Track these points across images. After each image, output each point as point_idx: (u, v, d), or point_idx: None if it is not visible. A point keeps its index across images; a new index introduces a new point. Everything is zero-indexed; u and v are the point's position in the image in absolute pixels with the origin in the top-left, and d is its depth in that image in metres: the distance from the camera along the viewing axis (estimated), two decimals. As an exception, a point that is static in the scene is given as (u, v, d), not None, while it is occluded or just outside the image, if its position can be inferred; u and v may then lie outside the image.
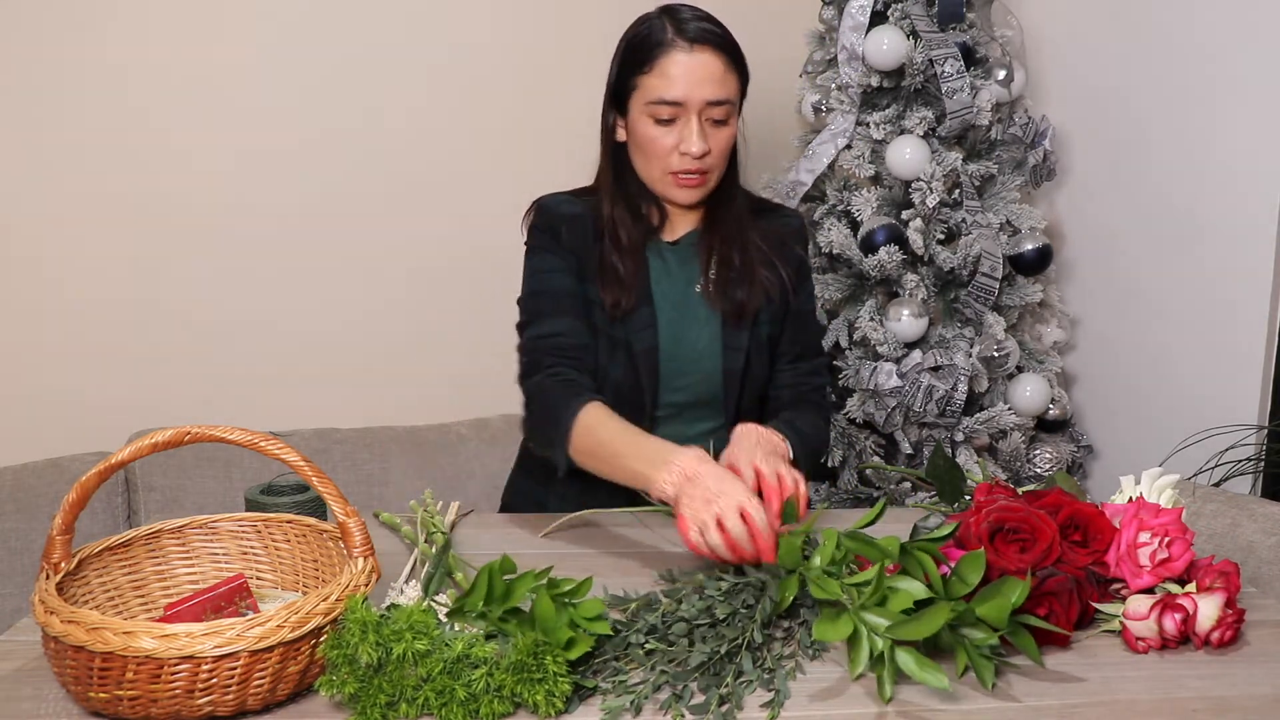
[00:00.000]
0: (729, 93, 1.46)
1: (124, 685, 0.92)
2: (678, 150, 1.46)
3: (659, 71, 1.44)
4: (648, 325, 1.51)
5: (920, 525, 1.29)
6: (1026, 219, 2.19)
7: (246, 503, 1.35)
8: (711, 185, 1.52)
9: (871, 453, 2.24)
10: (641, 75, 1.46)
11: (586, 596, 1.05)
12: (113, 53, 2.21)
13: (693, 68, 1.43)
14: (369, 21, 2.31)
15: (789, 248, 1.59)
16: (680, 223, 1.57)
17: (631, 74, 1.47)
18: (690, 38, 1.44)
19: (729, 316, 1.54)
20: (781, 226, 1.60)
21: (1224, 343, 2.05)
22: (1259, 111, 1.94)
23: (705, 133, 1.45)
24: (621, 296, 1.49)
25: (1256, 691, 1.03)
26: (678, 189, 1.49)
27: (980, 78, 2.17)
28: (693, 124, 1.44)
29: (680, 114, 1.45)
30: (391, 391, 2.40)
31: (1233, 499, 1.59)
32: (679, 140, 1.45)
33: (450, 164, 2.38)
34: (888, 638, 0.98)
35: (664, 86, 1.44)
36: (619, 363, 1.51)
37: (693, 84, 1.43)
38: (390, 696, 0.95)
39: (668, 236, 1.57)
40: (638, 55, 1.46)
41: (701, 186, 1.50)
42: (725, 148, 1.49)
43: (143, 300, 2.29)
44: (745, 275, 1.53)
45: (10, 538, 1.94)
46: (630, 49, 1.48)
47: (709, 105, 1.44)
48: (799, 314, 1.61)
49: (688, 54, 1.43)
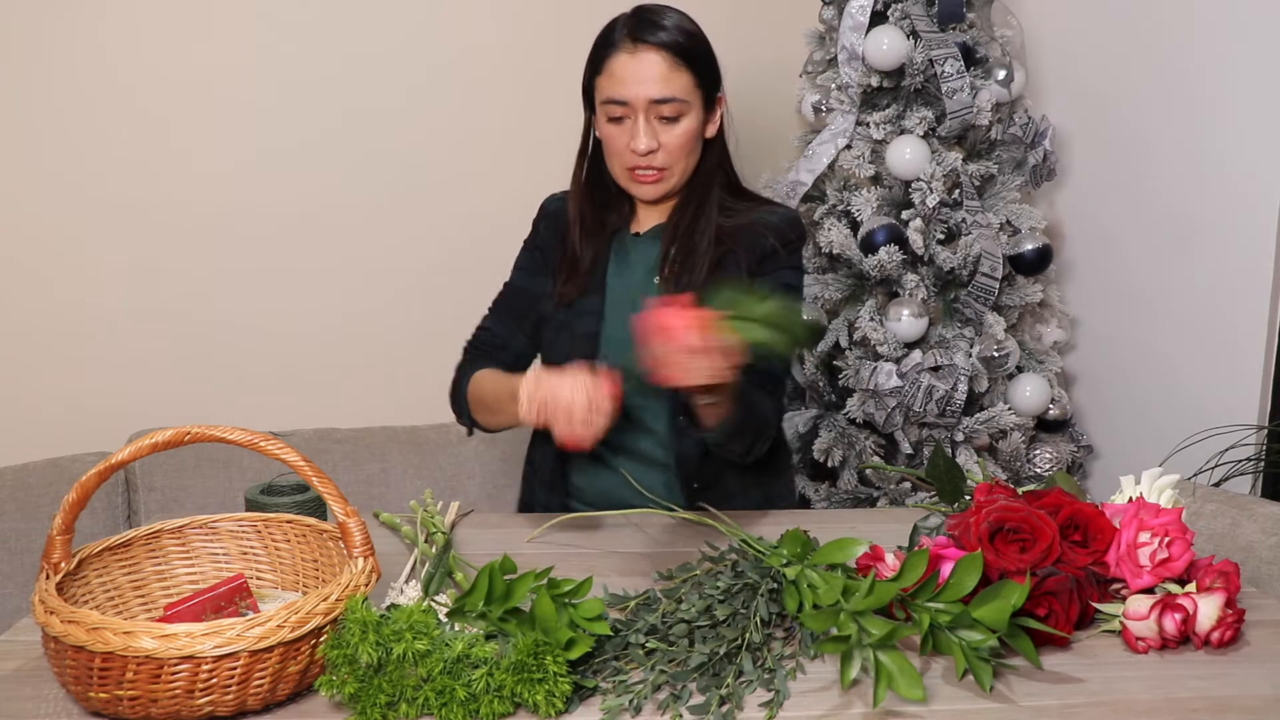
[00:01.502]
0: (675, 90, 1.48)
1: (124, 685, 0.92)
2: (629, 148, 1.50)
3: (607, 72, 1.50)
4: (592, 313, 1.57)
5: (920, 525, 1.29)
6: (1026, 219, 2.19)
7: (246, 503, 1.35)
8: (674, 181, 1.54)
9: (871, 453, 2.24)
10: (597, 76, 1.52)
11: (586, 596, 1.05)
12: (112, 54, 2.21)
13: (635, 68, 1.48)
14: (369, 22, 2.31)
15: (758, 237, 1.56)
16: (649, 216, 1.61)
17: (591, 75, 1.54)
18: (635, 38, 1.48)
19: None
20: (759, 218, 1.58)
21: (1224, 343, 2.05)
22: (1259, 112, 1.94)
23: (654, 130, 1.49)
24: (573, 285, 1.57)
25: (1256, 691, 1.03)
26: (636, 185, 1.54)
27: (980, 78, 2.17)
28: (639, 122, 1.48)
29: (628, 113, 1.49)
30: (391, 391, 2.40)
31: (1233, 499, 1.59)
32: (630, 138, 1.49)
33: (450, 164, 2.38)
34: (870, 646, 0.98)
35: (610, 87, 1.50)
36: (562, 345, 1.57)
37: (635, 83, 1.48)
38: (390, 696, 0.95)
39: (636, 229, 1.61)
40: (594, 56, 1.53)
41: (660, 182, 1.53)
42: (681, 144, 1.51)
43: (143, 300, 2.29)
44: (696, 261, 1.54)
45: (10, 538, 1.94)
46: (592, 50, 1.54)
47: (654, 103, 1.48)
48: None
49: (631, 54, 1.48)
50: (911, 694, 0.95)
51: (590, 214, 1.59)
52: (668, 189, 1.54)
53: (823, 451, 2.23)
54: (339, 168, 2.34)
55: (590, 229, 1.59)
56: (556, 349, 1.58)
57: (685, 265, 1.54)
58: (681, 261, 1.54)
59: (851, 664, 0.98)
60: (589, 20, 1.57)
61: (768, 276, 1.56)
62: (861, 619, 1.00)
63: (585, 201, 1.59)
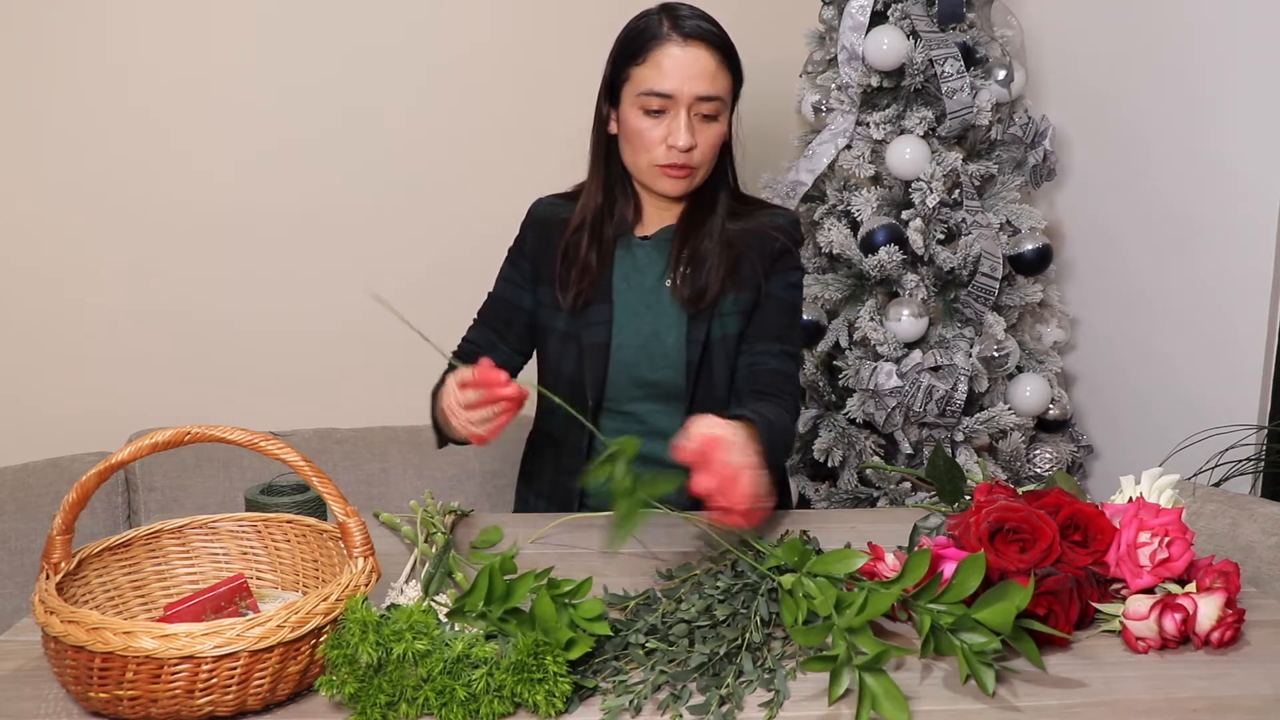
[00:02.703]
0: (719, 90, 1.48)
1: (124, 685, 0.92)
2: (665, 143, 1.48)
3: (652, 63, 1.47)
4: (601, 322, 1.55)
5: (920, 525, 1.29)
6: (1026, 219, 2.19)
7: (246, 503, 1.35)
8: (699, 180, 1.53)
9: (871, 453, 2.24)
10: (635, 66, 1.49)
11: (586, 596, 1.05)
12: (112, 54, 2.21)
13: (685, 62, 1.46)
14: (368, 22, 2.31)
15: (767, 239, 1.56)
16: (656, 219, 1.59)
17: (625, 65, 1.50)
18: (685, 33, 1.47)
19: (690, 306, 1.54)
20: (766, 221, 1.58)
21: (1224, 343, 2.05)
22: (1259, 112, 1.94)
23: (694, 127, 1.48)
24: (579, 291, 1.54)
25: (1256, 691, 1.03)
26: (664, 180, 1.51)
27: (980, 78, 2.17)
28: (681, 117, 1.47)
29: (670, 106, 1.47)
30: (391, 391, 2.40)
31: (1233, 499, 1.59)
32: (667, 133, 1.48)
33: (450, 164, 2.38)
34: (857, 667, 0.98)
35: (655, 78, 1.47)
36: (570, 357, 1.55)
37: (684, 78, 1.46)
38: (390, 696, 0.95)
39: (642, 232, 1.59)
40: (632, 47, 1.50)
41: (688, 179, 1.51)
42: (713, 145, 1.51)
43: (143, 300, 2.29)
44: (708, 264, 1.53)
45: (10, 538, 1.94)
46: (626, 41, 1.51)
47: (699, 100, 1.47)
48: (766, 298, 1.57)
49: (681, 48, 1.46)
50: (896, 717, 0.95)
51: (600, 214, 1.56)
52: (691, 187, 1.53)
53: (823, 451, 2.23)
54: (339, 168, 2.34)
55: (604, 232, 1.56)
56: (565, 361, 1.56)
57: (696, 270, 1.53)
58: (692, 267, 1.54)
59: (840, 681, 0.98)
60: (589, 20, 1.57)
61: (779, 276, 1.57)
62: (855, 634, 1.00)
63: (598, 201, 1.56)
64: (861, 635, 1.00)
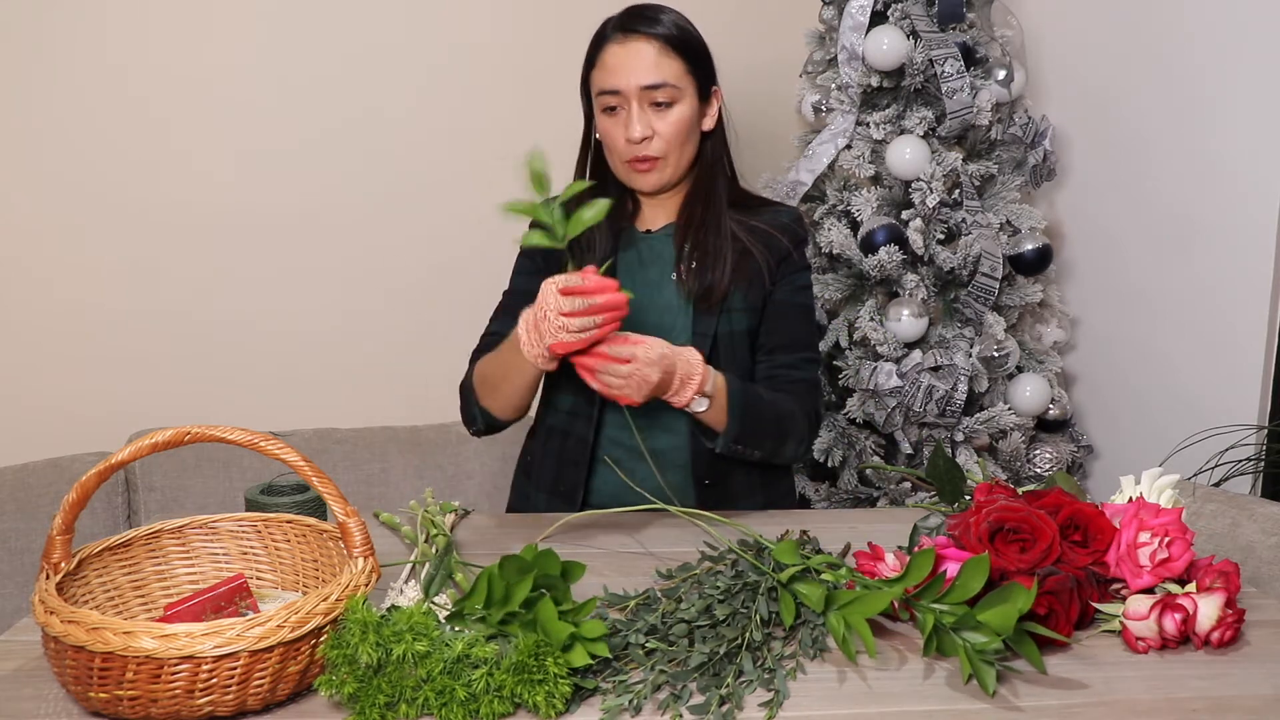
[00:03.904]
0: (666, 75, 1.50)
1: (124, 685, 0.92)
2: (625, 138, 1.51)
3: (600, 64, 1.53)
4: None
5: (920, 525, 1.29)
6: (1026, 219, 2.19)
7: (246, 503, 1.35)
8: (669, 171, 1.54)
9: (871, 453, 2.24)
10: (591, 71, 1.55)
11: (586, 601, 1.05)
12: (112, 54, 2.21)
13: (625, 56, 1.50)
14: (368, 21, 2.31)
15: (774, 238, 1.57)
16: (660, 213, 1.60)
17: (587, 72, 1.57)
18: (624, 29, 1.51)
19: (698, 301, 1.54)
20: (770, 219, 1.59)
21: (1224, 343, 2.05)
22: (1259, 112, 1.94)
23: (647, 117, 1.50)
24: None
25: (1256, 691, 1.03)
26: (635, 175, 1.54)
27: (980, 78, 2.17)
28: (633, 109, 1.50)
29: (621, 103, 1.51)
30: (391, 391, 2.41)
31: (1233, 499, 1.59)
32: (625, 128, 1.51)
33: (450, 164, 2.38)
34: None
35: (603, 77, 1.52)
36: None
37: (626, 72, 1.50)
38: (390, 697, 0.95)
39: (645, 227, 1.60)
40: (589, 53, 1.56)
41: (657, 171, 1.53)
42: (675, 131, 1.52)
43: (143, 300, 2.29)
44: (715, 259, 1.54)
45: (10, 538, 1.94)
46: (588, 49, 1.56)
47: (645, 90, 1.49)
48: (779, 305, 1.58)
49: (620, 44, 1.51)
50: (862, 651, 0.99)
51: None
52: (664, 179, 1.54)
53: (823, 451, 2.23)
54: (339, 168, 2.34)
55: (602, 231, 1.56)
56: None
57: (702, 263, 1.54)
58: (698, 258, 1.54)
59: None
60: (588, 20, 1.57)
61: (786, 281, 1.58)
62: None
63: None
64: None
